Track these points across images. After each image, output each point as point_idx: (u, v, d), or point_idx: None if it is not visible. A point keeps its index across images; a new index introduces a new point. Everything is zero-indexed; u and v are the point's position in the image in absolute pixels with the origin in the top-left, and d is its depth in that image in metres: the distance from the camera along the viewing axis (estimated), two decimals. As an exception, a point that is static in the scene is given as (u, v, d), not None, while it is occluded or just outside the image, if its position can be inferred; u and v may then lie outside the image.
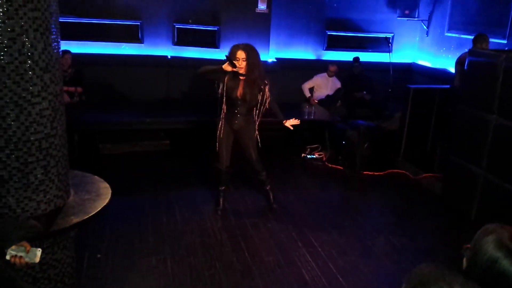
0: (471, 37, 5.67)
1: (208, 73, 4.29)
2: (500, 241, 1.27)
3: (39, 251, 1.98)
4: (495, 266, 1.25)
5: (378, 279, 3.64)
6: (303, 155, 6.27)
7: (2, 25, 2.14)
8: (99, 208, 2.54)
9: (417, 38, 8.02)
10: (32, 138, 2.28)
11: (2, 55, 2.17)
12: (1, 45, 2.17)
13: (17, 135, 2.25)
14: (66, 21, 6.01)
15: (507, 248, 1.25)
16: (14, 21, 2.13)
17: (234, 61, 4.11)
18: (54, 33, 2.36)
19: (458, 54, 6.04)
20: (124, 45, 6.83)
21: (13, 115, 2.22)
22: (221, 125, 4.42)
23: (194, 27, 6.98)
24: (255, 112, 4.39)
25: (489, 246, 1.27)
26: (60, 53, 2.53)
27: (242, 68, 4.16)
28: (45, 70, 2.30)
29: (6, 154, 2.25)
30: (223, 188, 4.64)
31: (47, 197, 2.43)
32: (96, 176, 2.99)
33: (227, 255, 3.85)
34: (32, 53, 2.23)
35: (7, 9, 2.12)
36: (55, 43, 2.37)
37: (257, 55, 4.25)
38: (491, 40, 5.65)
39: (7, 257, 1.91)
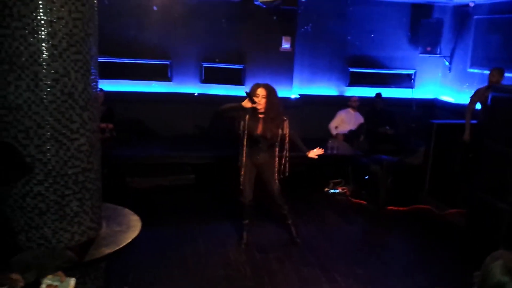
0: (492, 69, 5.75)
1: (228, 110, 4.43)
2: (507, 266, 1.32)
3: (73, 281, 2.06)
4: None
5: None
6: (326, 189, 6.30)
7: (47, 67, 2.35)
8: (130, 240, 2.64)
9: (440, 74, 8.09)
10: (69, 172, 2.44)
11: (45, 95, 2.36)
12: (45, 85, 2.36)
13: (55, 169, 2.42)
14: (99, 60, 6.32)
15: None
16: (58, 64, 2.34)
17: (253, 98, 4.26)
18: (93, 74, 2.55)
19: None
20: (154, 83, 7.12)
21: (53, 150, 2.39)
22: (244, 160, 4.52)
23: (221, 65, 7.25)
24: (277, 147, 4.48)
25: (497, 271, 1.33)
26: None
27: (261, 104, 4.29)
28: (84, 109, 2.48)
29: (45, 187, 2.40)
30: (246, 222, 4.70)
31: (81, 228, 2.56)
32: (126, 209, 3.11)
33: (250, 289, 3.87)
34: (73, 93, 2.42)
35: (52, 53, 2.33)
36: (94, 83, 2.56)
37: (276, 94, 4.39)
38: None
39: (43, 286, 1.98)
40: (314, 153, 4.46)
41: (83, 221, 2.63)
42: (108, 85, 6.70)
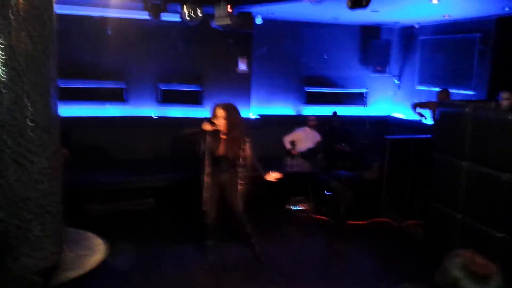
0: (440, 89, 6.14)
1: (188, 135, 4.47)
2: (462, 263, 1.43)
3: None
4: (458, 285, 1.41)
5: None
6: (287, 206, 6.37)
7: (7, 90, 2.30)
8: (95, 263, 2.58)
9: (391, 92, 8.47)
10: (32, 196, 2.38)
11: (6, 116, 2.31)
12: (5, 108, 2.31)
13: (18, 193, 2.35)
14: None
15: (467, 269, 1.41)
16: (18, 87, 2.30)
17: (213, 120, 4.30)
18: (53, 96, 2.52)
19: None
20: (109, 105, 6.99)
21: (14, 174, 2.33)
22: (206, 181, 4.52)
23: (178, 87, 7.26)
24: (239, 167, 4.52)
25: (454, 268, 1.43)
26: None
27: (221, 125, 4.34)
28: (44, 131, 2.44)
29: (6, 212, 2.33)
30: (210, 242, 4.68)
31: (44, 253, 2.48)
32: (89, 233, 3.04)
33: (218, 310, 3.84)
34: (33, 115, 2.38)
35: (13, 75, 2.29)
36: (54, 105, 2.53)
37: (237, 114, 4.44)
38: (460, 91, 6.10)
39: None
40: (272, 176, 4.51)
41: (46, 246, 2.55)
42: (62, 109, 6.53)
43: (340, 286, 4.31)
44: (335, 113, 7.56)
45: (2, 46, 2.27)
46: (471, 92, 6.61)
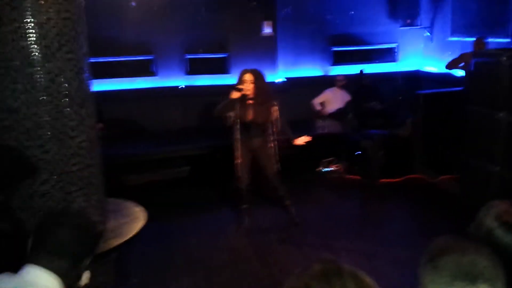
0: (475, 39, 5.89)
1: (222, 110, 4.45)
2: (497, 214, 1.43)
3: (86, 275, 2.09)
4: (492, 235, 1.41)
5: (406, 282, 3.72)
6: (319, 169, 6.39)
7: (41, 68, 2.38)
8: (137, 230, 2.71)
9: (422, 45, 8.20)
10: (73, 169, 2.49)
11: (42, 95, 2.40)
12: (41, 85, 2.39)
13: (60, 167, 2.47)
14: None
15: (502, 219, 1.42)
16: (52, 64, 2.37)
17: (241, 85, 4.30)
18: (86, 72, 2.59)
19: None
20: (138, 79, 7.10)
21: (55, 148, 2.44)
22: (238, 147, 4.58)
23: (204, 56, 7.26)
24: (270, 131, 4.54)
25: (488, 218, 1.44)
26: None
27: (249, 90, 4.34)
28: (81, 106, 2.52)
29: (51, 185, 2.45)
30: (245, 206, 4.78)
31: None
32: (129, 201, 3.17)
33: (256, 271, 3.94)
34: (69, 91, 2.46)
35: (45, 54, 2.36)
36: (87, 81, 2.60)
37: (264, 78, 4.45)
38: (496, 40, 5.84)
39: None
40: (301, 140, 4.52)
41: (91, 216, 2.68)
42: (94, 85, 6.68)
43: (376, 244, 4.35)
44: (361, 71, 7.41)
45: (33, 25, 2.34)
46: (508, 40, 6.33)
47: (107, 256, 2.73)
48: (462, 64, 6.42)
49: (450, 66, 6.66)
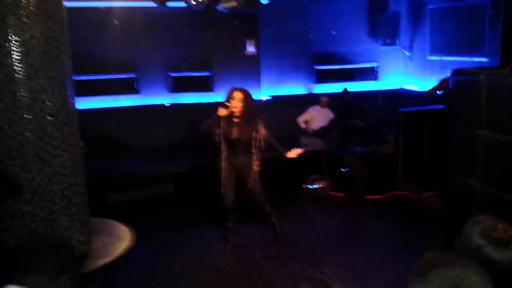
0: (453, 58, 6.01)
1: (208, 127, 4.46)
2: (484, 231, 1.45)
3: None
4: (481, 252, 1.43)
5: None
6: (304, 186, 6.40)
7: (24, 86, 2.35)
8: (123, 250, 2.65)
9: (402, 64, 8.37)
10: (56, 188, 2.45)
11: (26, 112, 2.36)
12: (24, 103, 2.36)
13: (41, 186, 2.42)
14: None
15: (489, 235, 1.43)
16: (34, 82, 2.35)
17: (228, 103, 4.32)
18: (69, 90, 2.57)
19: (442, 76, 6.37)
20: (121, 97, 7.05)
21: (37, 167, 2.40)
22: (223, 165, 4.57)
23: (188, 74, 7.27)
24: (254, 149, 4.55)
25: (475, 236, 1.46)
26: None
27: (237, 107, 4.36)
28: (64, 124, 2.49)
29: (32, 205, 2.40)
30: (231, 224, 4.75)
31: (74, 243, 2.56)
32: (114, 221, 3.11)
33: (243, 290, 3.91)
34: (52, 109, 2.43)
35: (29, 71, 2.34)
36: (71, 99, 2.58)
37: (252, 98, 4.50)
38: (473, 59, 5.98)
39: None
40: (294, 153, 4.54)
41: (74, 236, 2.63)
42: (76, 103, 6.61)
43: (362, 261, 4.35)
44: (345, 89, 7.53)
45: (17, 44, 2.31)
46: (484, 59, 6.50)
47: (91, 276, 2.67)
48: (441, 92, 6.28)
49: (429, 95, 6.53)
